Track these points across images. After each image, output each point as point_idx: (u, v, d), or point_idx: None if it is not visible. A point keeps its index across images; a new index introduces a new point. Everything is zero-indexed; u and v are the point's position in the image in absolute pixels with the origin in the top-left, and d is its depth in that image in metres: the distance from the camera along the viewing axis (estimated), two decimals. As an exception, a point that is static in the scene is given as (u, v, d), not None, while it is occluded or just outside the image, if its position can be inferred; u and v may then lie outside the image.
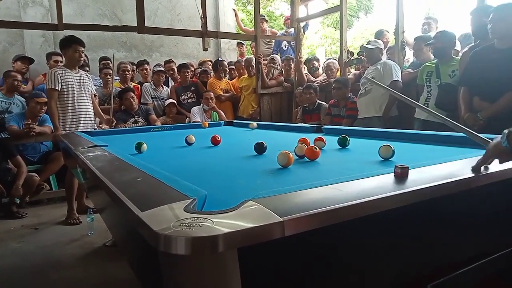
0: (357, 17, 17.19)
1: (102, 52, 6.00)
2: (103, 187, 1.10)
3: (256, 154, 1.70)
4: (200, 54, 6.63)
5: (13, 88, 4.22)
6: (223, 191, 1.10)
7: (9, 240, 3.06)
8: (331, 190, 0.86)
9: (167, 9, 6.69)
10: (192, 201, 0.80)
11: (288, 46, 6.37)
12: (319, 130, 2.55)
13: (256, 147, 1.72)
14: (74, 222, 3.42)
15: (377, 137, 2.05)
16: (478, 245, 1.13)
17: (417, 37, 3.94)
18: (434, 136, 1.89)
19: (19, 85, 4.29)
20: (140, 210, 0.77)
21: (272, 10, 14.87)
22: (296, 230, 0.69)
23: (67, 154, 2.55)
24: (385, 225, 0.84)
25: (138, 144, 1.93)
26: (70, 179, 3.50)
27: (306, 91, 4.55)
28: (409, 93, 3.81)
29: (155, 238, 0.65)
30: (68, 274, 2.43)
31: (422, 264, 0.98)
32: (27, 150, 4.11)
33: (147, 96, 5.02)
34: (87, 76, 3.72)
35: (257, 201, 0.77)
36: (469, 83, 2.86)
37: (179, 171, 1.35)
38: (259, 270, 0.71)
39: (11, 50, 5.35)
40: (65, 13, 4.50)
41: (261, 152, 1.71)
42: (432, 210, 0.93)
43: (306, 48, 11.37)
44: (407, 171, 0.95)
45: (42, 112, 4.01)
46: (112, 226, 1.52)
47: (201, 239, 0.62)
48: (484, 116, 2.67)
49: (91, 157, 1.59)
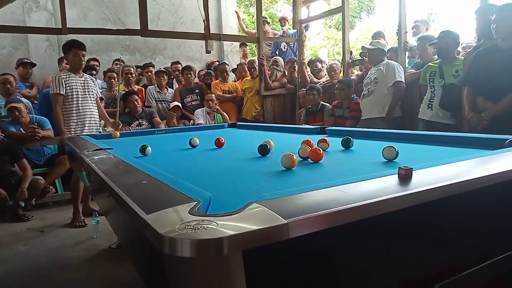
0: (359, 18, 17.15)
1: (105, 55, 6.04)
2: (108, 190, 1.11)
3: (260, 156, 1.70)
4: (203, 57, 6.66)
5: (6, 92, 4.18)
6: (228, 193, 1.10)
7: (16, 242, 3.08)
8: (335, 192, 0.86)
9: (169, 12, 6.72)
10: (197, 204, 0.81)
11: (288, 47, 6.36)
12: (322, 131, 2.55)
13: (260, 149, 1.72)
14: (79, 224, 3.43)
15: (381, 138, 2.05)
16: (484, 246, 1.13)
17: (421, 37, 3.94)
18: (438, 137, 1.88)
19: (12, 88, 4.22)
20: (146, 213, 0.77)
21: (274, 12, 14.88)
22: (301, 232, 0.69)
23: (72, 157, 2.57)
24: (390, 226, 0.84)
25: (142, 147, 1.94)
26: (75, 182, 3.52)
27: (309, 93, 4.55)
28: (412, 93, 3.81)
29: (160, 241, 0.65)
30: (74, 276, 2.44)
31: (428, 265, 0.98)
32: (31, 154, 4.13)
33: (151, 99, 5.04)
34: (92, 80, 3.75)
35: (261, 203, 0.78)
36: (473, 83, 2.85)
37: (183, 173, 1.35)
38: (264, 272, 0.71)
39: (16, 55, 5.39)
40: (69, 17, 4.53)
41: (265, 154, 1.71)
42: (437, 211, 0.93)
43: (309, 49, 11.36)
44: (411, 172, 0.95)
45: (21, 119, 3.93)
46: (117, 229, 1.53)
47: (206, 242, 0.62)
48: (488, 115, 2.66)
49: (96, 160, 1.60)
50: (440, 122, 3.24)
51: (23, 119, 3.96)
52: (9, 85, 4.19)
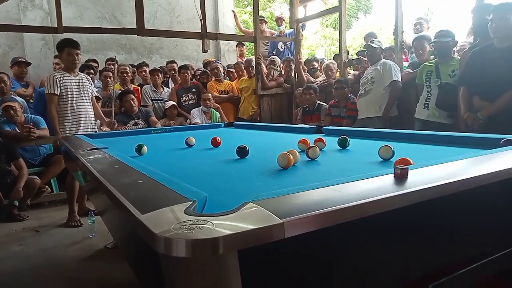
0: (356, 17, 17.20)
1: (102, 54, 6.02)
2: (103, 190, 1.10)
3: (256, 156, 1.70)
4: (199, 56, 6.64)
5: (0, 91, 4.13)
6: (223, 193, 1.10)
7: (11, 243, 3.06)
8: (331, 191, 0.86)
9: (166, 11, 6.70)
10: (192, 204, 0.80)
11: (285, 47, 6.36)
12: (319, 131, 2.56)
13: (238, 151, 1.67)
14: (75, 224, 3.42)
15: (377, 138, 2.05)
16: (480, 245, 1.13)
17: (418, 36, 3.95)
18: (434, 136, 1.88)
19: (6, 87, 4.19)
20: (141, 212, 0.77)
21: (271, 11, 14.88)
22: (296, 232, 0.69)
23: (67, 157, 2.55)
24: (386, 226, 0.84)
25: (138, 147, 1.93)
26: (71, 182, 3.51)
27: (306, 92, 4.55)
28: (409, 93, 3.82)
29: (155, 241, 0.65)
30: (70, 276, 2.43)
31: (424, 265, 0.98)
32: (26, 153, 4.11)
33: (147, 99, 5.02)
34: (87, 79, 3.72)
35: (257, 203, 0.77)
36: (469, 82, 2.87)
37: (179, 173, 1.35)
38: (260, 272, 0.71)
39: (11, 54, 5.36)
40: (65, 16, 4.51)
41: (243, 156, 1.67)
42: (433, 211, 0.93)
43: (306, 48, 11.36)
44: (407, 171, 0.95)
45: (17, 118, 3.92)
46: (113, 229, 1.53)
47: (202, 242, 0.62)
48: (484, 115, 2.68)
49: (91, 159, 1.59)
50: (437, 121, 3.25)
51: (18, 118, 3.94)
52: (3, 84, 4.16)
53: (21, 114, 3.97)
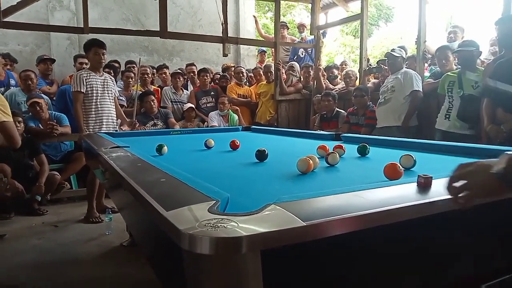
0: (377, 25, 17.08)
1: (124, 55, 6.14)
2: (127, 187, 1.13)
3: (275, 160, 1.71)
4: (219, 60, 6.70)
5: (27, 88, 4.26)
6: (244, 194, 1.10)
7: (30, 236, 3.14)
8: (353, 197, 0.86)
9: (188, 14, 6.80)
10: (215, 203, 0.82)
11: (305, 53, 6.36)
12: (338, 138, 2.54)
13: (258, 154, 1.69)
14: (95, 220, 3.48)
15: (397, 147, 2.03)
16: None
17: (441, 46, 3.89)
18: (455, 148, 1.85)
19: (33, 84, 4.30)
20: (165, 209, 0.78)
21: (292, 18, 14.91)
22: (319, 235, 0.69)
23: (89, 154, 2.61)
24: (410, 233, 0.83)
25: (159, 146, 1.96)
26: (91, 179, 3.57)
27: (324, 99, 4.54)
28: (430, 103, 3.77)
29: (180, 237, 0.66)
30: (86, 271, 2.48)
31: (447, 275, 0.96)
32: (48, 149, 4.22)
33: (167, 100, 5.09)
34: (111, 79, 3.82)
35: (279, 205, 0.78)
36: (492, 94, 2.81)
37: (200, 173, 1.36)
38: (281, 273, 0.71)
39: (38, 52, 5.53)
40: (90, 17, 4.63)
41: (262, 160, 1.69)
42: (460, 220, 0.91)
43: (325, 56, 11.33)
44: (430, 181, 0.94)
45: (42, 114, 4.02)
46: (133, 225, 1.55)
47: (226, 240, 0.63)
48: (507, 128, 2.62)
49: (114, 157, 1.62)
50: (458, 132, 3.19)
51: (43, 115, 4.05)
52: (30, 81, 4.28)
53: (46, 111, 4.08)
